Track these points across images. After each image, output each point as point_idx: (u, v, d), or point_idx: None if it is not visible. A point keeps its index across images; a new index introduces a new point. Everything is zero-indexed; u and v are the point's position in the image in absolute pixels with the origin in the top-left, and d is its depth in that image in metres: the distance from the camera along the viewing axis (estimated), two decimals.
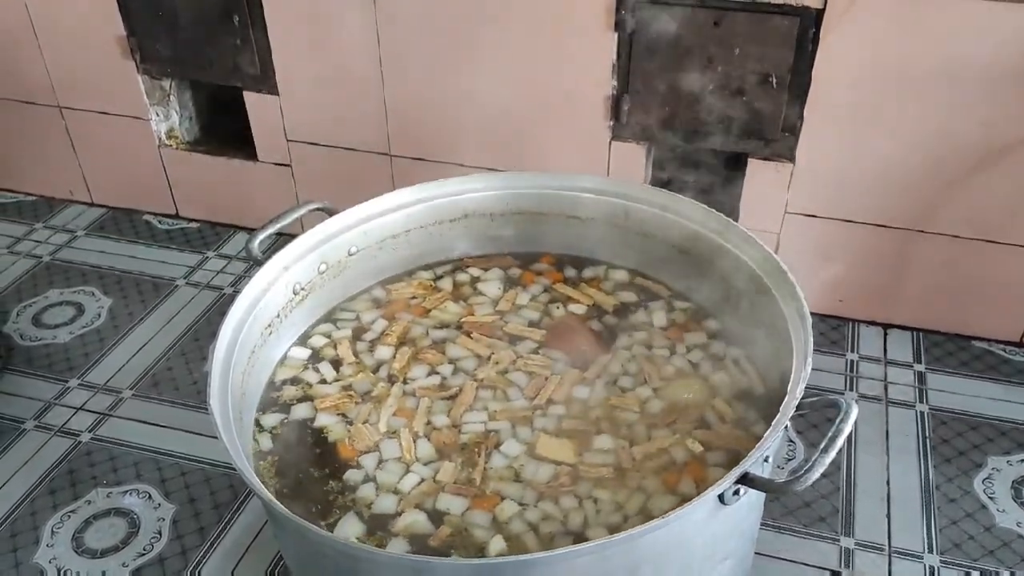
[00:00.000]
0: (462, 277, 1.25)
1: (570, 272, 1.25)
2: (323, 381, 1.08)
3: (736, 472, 0.76)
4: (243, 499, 1.32)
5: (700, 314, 1.15)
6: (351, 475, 0.96)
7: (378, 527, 0.89)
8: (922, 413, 1.45)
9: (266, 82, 1.71)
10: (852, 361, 1.56)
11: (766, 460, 0.85)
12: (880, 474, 1.35)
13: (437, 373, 1.09)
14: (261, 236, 1.08)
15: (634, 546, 0.75)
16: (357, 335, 1.15)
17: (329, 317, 1.18)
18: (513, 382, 1.07)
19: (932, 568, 1.21)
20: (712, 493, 0.75)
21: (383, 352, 1.12)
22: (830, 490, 1.33)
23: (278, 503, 0.79)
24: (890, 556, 1.23)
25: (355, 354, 1.12)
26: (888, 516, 1.29)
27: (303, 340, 1.14)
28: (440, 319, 1.17)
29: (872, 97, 1.41)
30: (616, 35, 1.46)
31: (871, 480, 1.34)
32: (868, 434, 1.42)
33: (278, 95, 1.73)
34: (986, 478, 1.34)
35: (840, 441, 0.79)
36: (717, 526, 0.82)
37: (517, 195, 1.23)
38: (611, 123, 1.54)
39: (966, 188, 1.44)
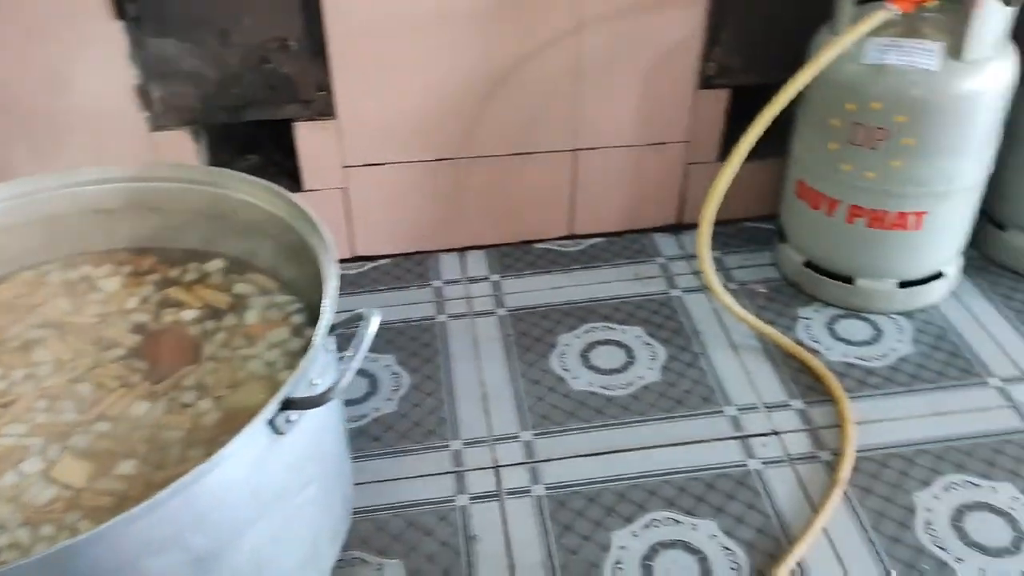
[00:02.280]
0: (71, 275, 1.16)
1: (178, 271, 1.18)
2: None
3: (278, 398, 0.81)
4: None
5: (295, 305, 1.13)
6: None
7: None
8: (502, 316, 1.62)
9: None
10: (438, 287, 1.69)
11: (316, 385, 0.90)
12: (476, 378, 1.49)
13: (5, 379, 1.02)
14: None
15: (193, 496, 0.77)
16: None
17: None
18: (78, 393, 1.02)
19: (527, 442, 1.38)
20: (259, 423, 0.80)
21: None
22: (435, 406, 1.45)
23: None
24: (493, 444, 1.38)
25: None
26: (487, 411, 1.43)
27: None
28: (44, 318, 1.09)
29: (390, 44, 1.52)
30: (123, 22, 1.43)
31: (468, 386, 1.48)
32: (460, 348, 1.56)
33: None
34: (561, 355, 1.54)
35: (365, 346, 0.87)
36: (285, 456, 0.86)
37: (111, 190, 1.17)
38: (147, 115, 1.51)
39: (490, 113, 1.62)
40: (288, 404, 0.82)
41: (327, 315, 0.90)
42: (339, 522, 1.04)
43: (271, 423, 0.82)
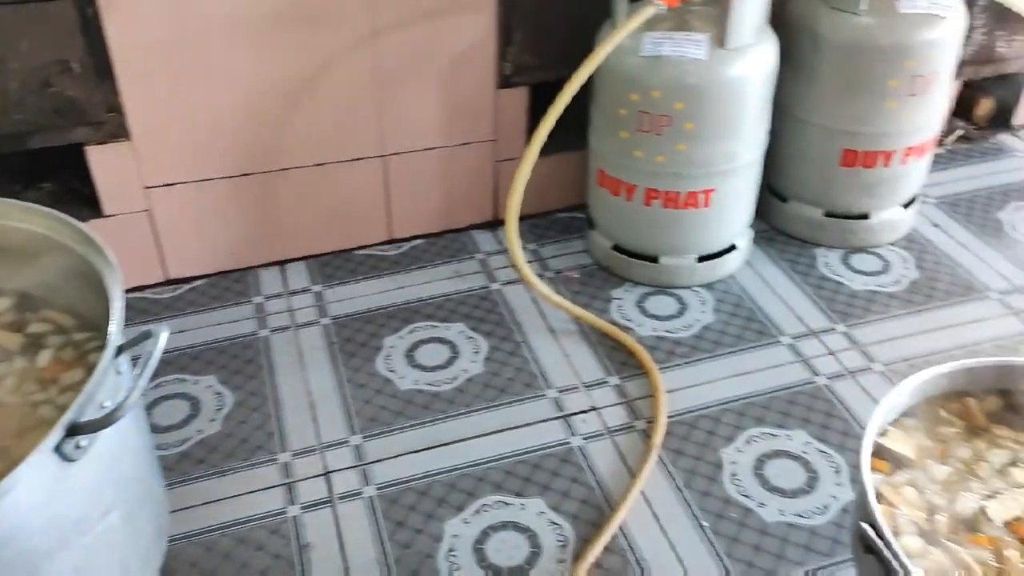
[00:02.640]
0: None
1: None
2: None
3: (62, 424, 0.79)
4: None
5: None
6: None
7: None
8: (326, 325, 1.63)
9: None
10: (259, 303, 1.68)
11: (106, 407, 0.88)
12: (302, 389, 1.49)
13: None
14: None
15: None
16: None
17: None
18: None
19: (357, 445, 1.39)
20: (44, 452, 0.78)
21: None
22: (262, 420, 1.43)
23: None
24: (322, 452, 1.38)
25: None
26: (315, 420, 1.44)
27: None
28: None
29: (180, 60, 1.49)
30: None
31: (295, 398, 1.48)
32: (285, 361, 1.55)
33: None
34: (387, 357, 1.56)
35: (152, 362, 0.86)
36: (80, 483, 0.84)
37: None
38: None
39: (293, 123, 1.62)
40: (75, 429, 0.80)
41: (114, 336, 0.88)
42: (150, 547, 1.02)
43: (58, 450, 0.80)
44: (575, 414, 1.45)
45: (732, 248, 1.70)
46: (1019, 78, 2.12)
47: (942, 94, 1.66)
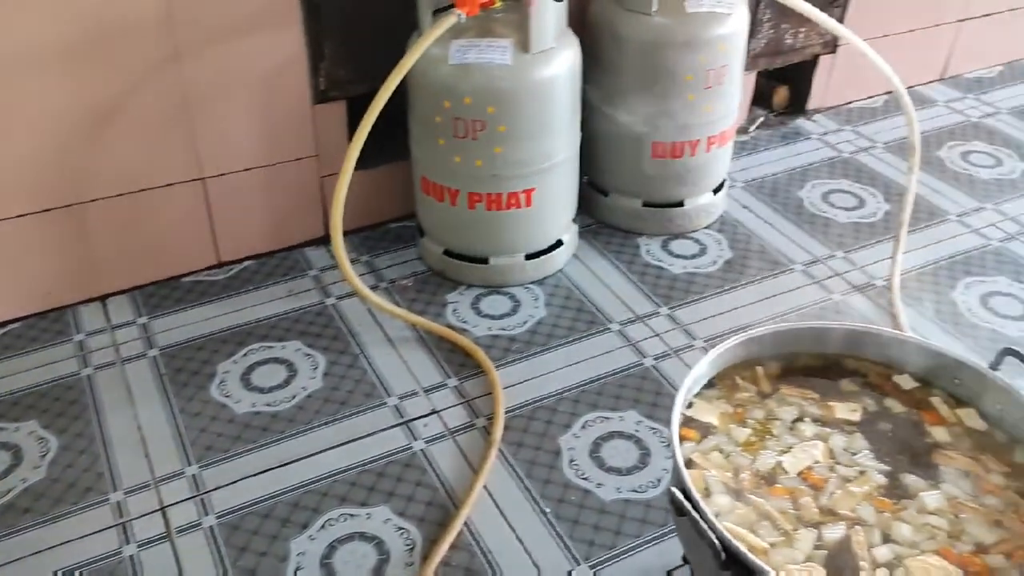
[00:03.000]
0: None
1: None
2: None
3: None
4: None
5: None
6: None
7: None
8: (154, 357, 1.58)
9: None
10: (80, 341, 1.61)
11: None
12: (132, 424, 1.44)
13: None
14: None
15: None
16: None
17: None
18: None
19: (194, 475, 1.36)
20: None
21: None
22: (90, 462, 1.38)
23: None
24: (157, 487, 1.34)
25: None
26: (147, 455, 1.39)
27: None
28: None
29: None
30: None
31: (125, 435, 1.43)
32: (112, 398, 1.49)
33: None
34: (221, 383, 1.53)
35: None
36: None
37: None
38: None
39: (99, 153, 1.56)
40: None
41: None
42: None
43: None
44: (416, 419, 1.47)
45: (559, 244, 1.77)
46: (808, 66, 2.29)
47: (735, 85, 1.79)
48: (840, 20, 2.18)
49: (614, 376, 1.55)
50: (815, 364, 1.16)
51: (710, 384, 1.11)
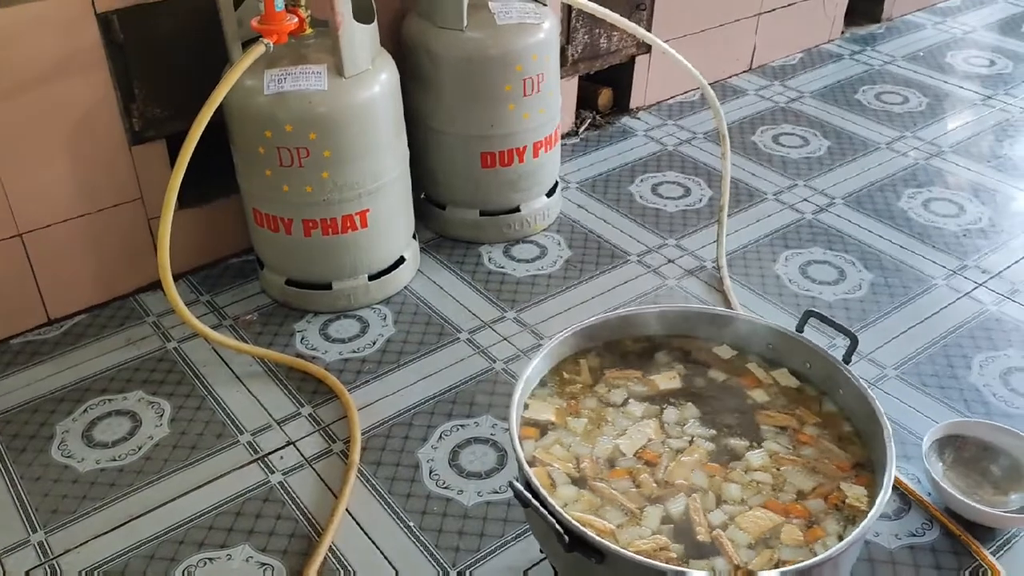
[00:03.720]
0: None
1: None
2: None
3: None
4: None
5: None
6: None
7: None
8: None
9: None
10: None
11: None
12: None
13: None
14: None
15: None
16: None
17: None
18: None
19: (40, 542, 1.30)
20: None
21: None
22: None
23: None
24: (2, 558, 1.28)
25: None
26: None
27: None
28: None
29: None
30: None
31: None
32: None
33: None
34: (61, 443, 1.47)
35: None
36: None
37: None
38: None
39: None
40: None
41: None
42: None
43: None
44: (272, 452, 1.45)
45: (401, 261, 1.79)
46: (627, 67, 2.40)
47: (554, 91, 1.86)
48: (648, 23, 2.31)
49: (467, 384, 1.58)
50: (641, 348, 1.22)
51: (543, 383, 1.16)
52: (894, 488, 1.38)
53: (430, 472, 1.42)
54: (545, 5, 1.80)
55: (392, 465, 1.43)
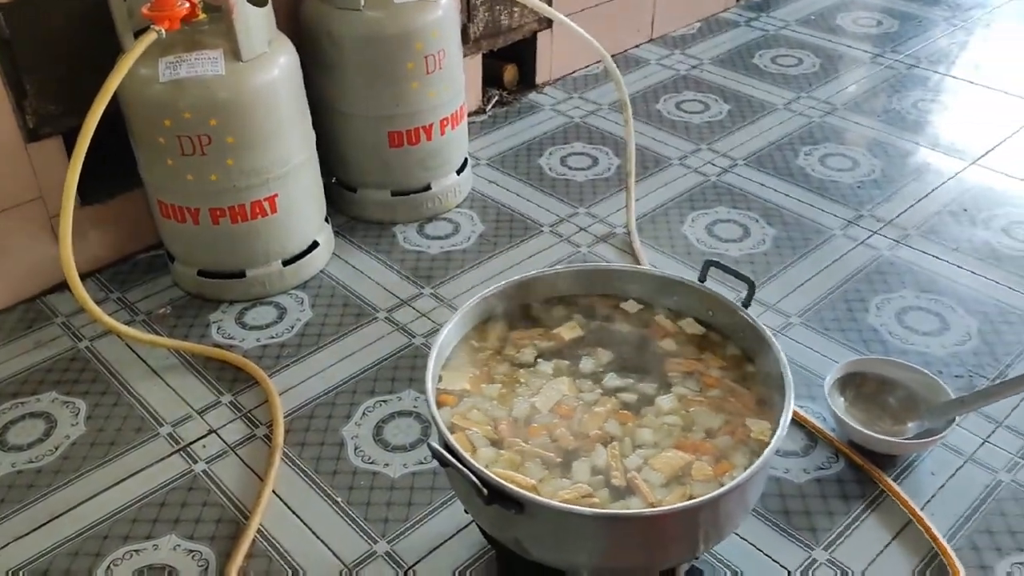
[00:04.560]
0: None
1: None
2: None
3: None
4: None
5: None
6: None
7: None
8: None
9: None
10: None
11: None
12: None
13: None
14: None
15: None
16: None
17: None
18: None
19: None
20: None
21: None
22: None
23: None
24: None
25: None
26: None
27: None
28: None
29: None
30: None
31: None
32: None
33: None
34: None
35: None
36: None
37: None
38: None
39: None
40: None
41: None
42: None
43: None
44: (193, 442, 1.44)
45: (315, 245, 1.78)
46: (530, 43, 2.43)
47: (457, 67, 1.87)
48: None
49: (388, 360, 1.60)
50: (550, 311, 1.26)
51: (454, 355, 1.18)
52: (801, 426, 1.45)
53: (355, 449, 1.43)
54: None
55: (317, 445, 1.44)
